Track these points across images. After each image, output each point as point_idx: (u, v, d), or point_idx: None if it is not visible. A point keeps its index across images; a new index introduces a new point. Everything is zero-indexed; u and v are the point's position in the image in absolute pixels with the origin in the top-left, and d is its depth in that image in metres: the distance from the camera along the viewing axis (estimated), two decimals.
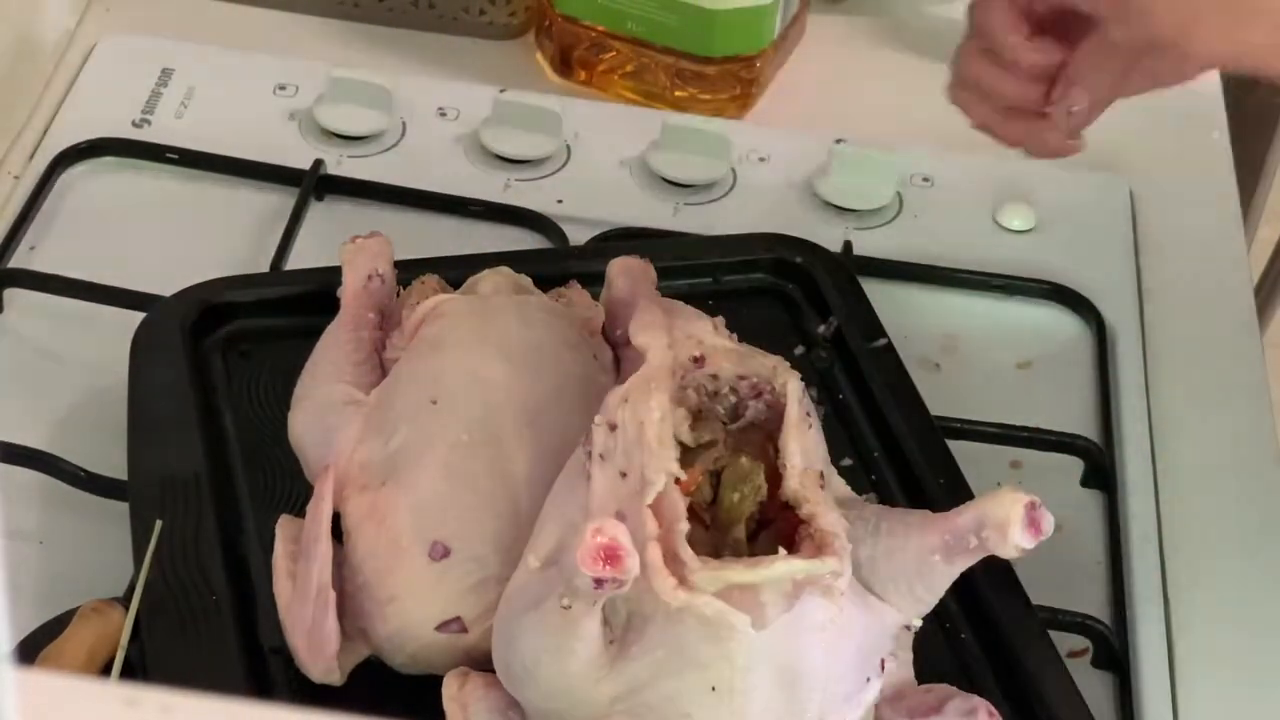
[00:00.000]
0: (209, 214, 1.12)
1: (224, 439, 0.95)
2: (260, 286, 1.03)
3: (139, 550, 0.86)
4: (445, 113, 1.20)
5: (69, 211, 1.11)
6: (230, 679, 0.82)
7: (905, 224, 1.16)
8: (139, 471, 0.91)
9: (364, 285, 0.94)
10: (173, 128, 1.16)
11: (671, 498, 0.75)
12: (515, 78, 1.22)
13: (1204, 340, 1.11)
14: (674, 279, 1.02)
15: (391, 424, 0.87)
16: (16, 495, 0.93)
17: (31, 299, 1.04)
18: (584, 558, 0.71)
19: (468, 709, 0.80)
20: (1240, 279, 1.16)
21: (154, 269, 1.04)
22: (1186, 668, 0.92)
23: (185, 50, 1.22)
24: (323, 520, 0.85)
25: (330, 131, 1.17)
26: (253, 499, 0.93)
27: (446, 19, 1.26)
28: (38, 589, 0.88)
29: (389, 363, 0.92)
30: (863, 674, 0.79)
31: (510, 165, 1.16)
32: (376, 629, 0.84)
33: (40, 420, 0.98)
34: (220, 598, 0.85)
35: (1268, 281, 1.68)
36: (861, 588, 0.79)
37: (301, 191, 1.11)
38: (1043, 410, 1.03)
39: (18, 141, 1.15)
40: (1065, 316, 1.11)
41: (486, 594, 0.83)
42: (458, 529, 0.84)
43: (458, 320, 0.91)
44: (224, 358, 0.99)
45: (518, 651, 0.77)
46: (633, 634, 0.76)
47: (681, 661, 0.75)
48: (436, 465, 0.85)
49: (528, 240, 1.11)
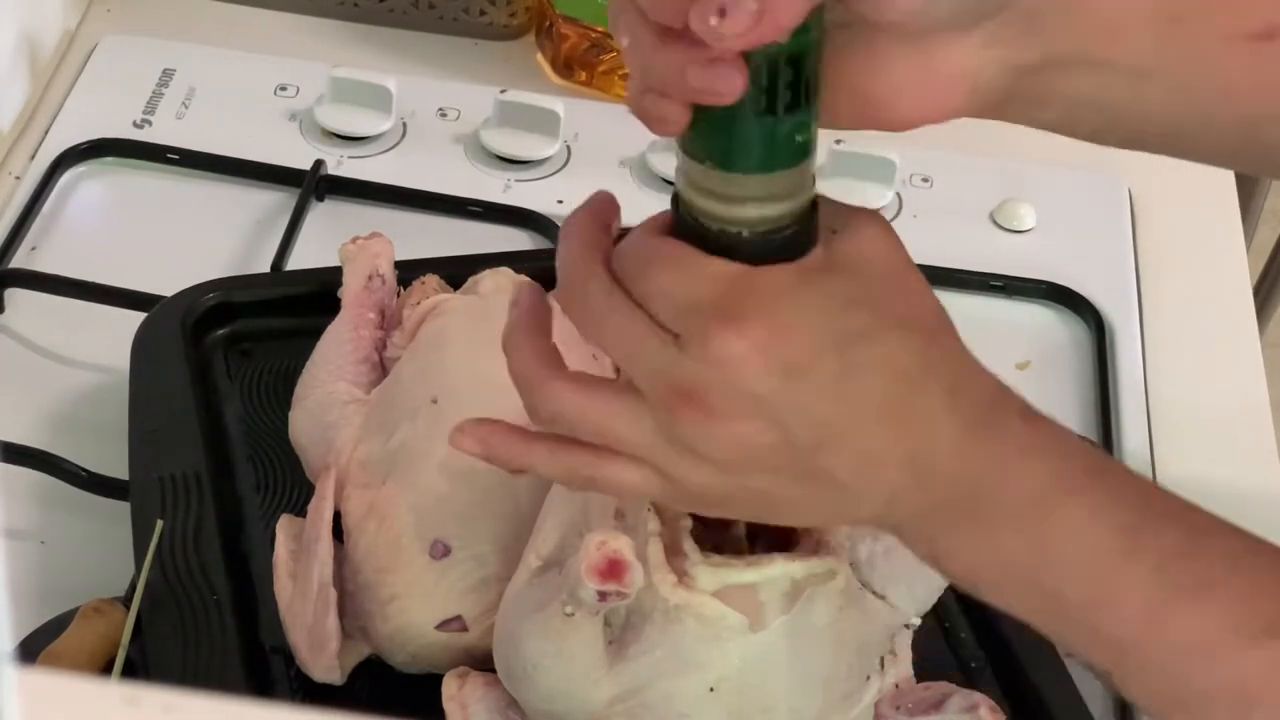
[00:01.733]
0: (209, 214, 1.12)
1: (224, 439, 0.95)
2: (260, 286, 1.03)
3: (140, 550, 0.86)
4: (445, 113, 1.20)
5: (70, 212, 1.11)
6: (231, 678, 0.82)
7: (905, 224, 1.16)
8: (139, 471, 0.91)
9: (364, 285, 0.94)
10: (173, 128, 1.16)
11: None
12: (515, 78, 1.22)
13: (1203, 340, 1.11)
14: None
15: (392, 423, 0.87)
16: (17, 495, 0.93)
17: (32, 299, 1.04)
18: (588, 571, 0.71)
19: (467, 708, 0.80)
20: (1240, 279, 1.16)
21: (154, 269, 1.05)
22: None
23: (186, 51, 1.22)
24: (323, 519, 0.85)
25: (330, 132, 1.17)
26: (253, 498, 0.93)
27: (447, 19, 1.27)
28: (38, 589, 0.88)
29: (389, 362, 0.92)
30: (862, 673, 0.79)
31: (510, 165, 1.16)
32: (377, 628, 0.84)
33: (40, 420, 0.98)
34: (221, 597, 0.85)
35: (1267, 281, 1.68)
36: (860, 587, 0.79)
37: (302, 192, 1.12)
38: (1042, 410, 1.03)
39: (19, 142, 1.15)
40: (1065, 316, 1.11)
41: (487, 593, 0.83)
42: (458, 528, 0.84)
43: (458, 320, 0.91)
44: (224, 358, 0.99)
45: (519, 653, 0.77)
46: (631, 633, 0.76)
47: (680, 662, 0.75)
48: (437, 464, 0.85)
49: (528, 240, 1.11)
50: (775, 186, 0.65)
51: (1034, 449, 0.66)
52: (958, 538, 0.67)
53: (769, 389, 0.64)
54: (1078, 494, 0.66)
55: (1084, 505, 0.65)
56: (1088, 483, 0.66)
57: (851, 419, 0.65)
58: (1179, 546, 0.65)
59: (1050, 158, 1.22)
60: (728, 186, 0.65)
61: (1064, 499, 0.65)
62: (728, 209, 0.65)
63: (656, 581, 0.74)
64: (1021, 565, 0.66)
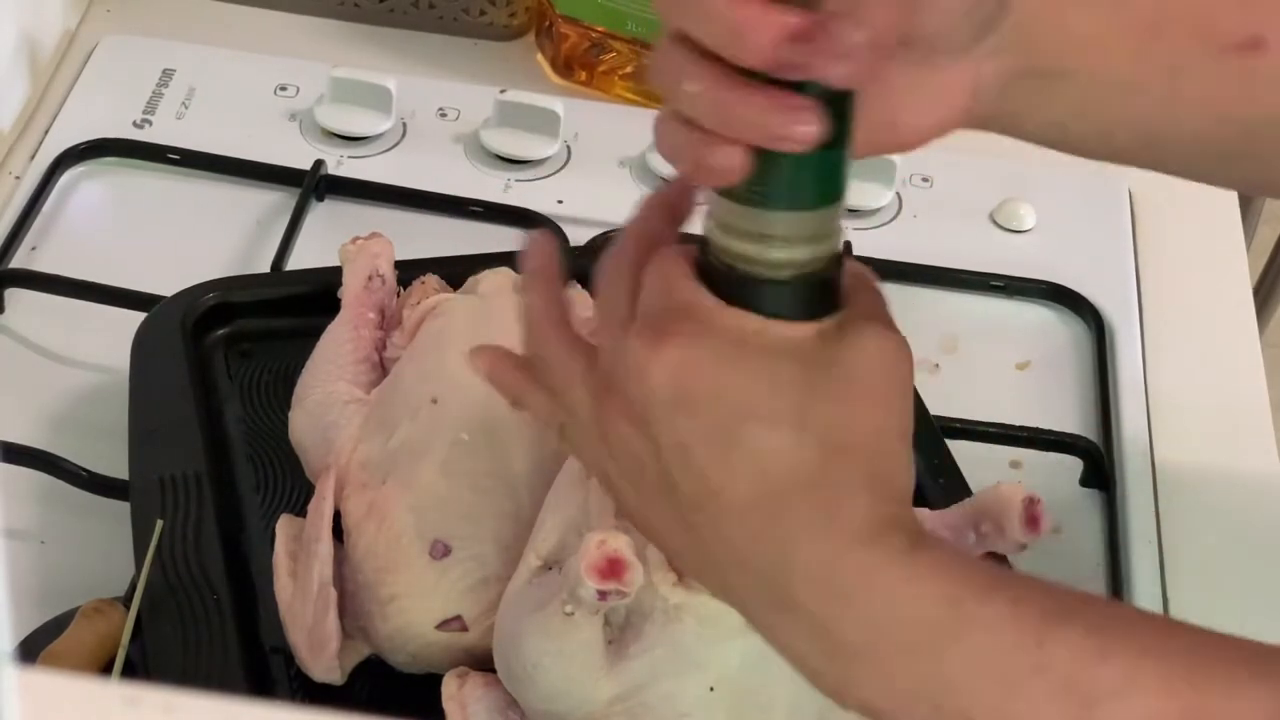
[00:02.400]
0: (209, 214, 1.12)
1: (224, 439, 0.95)
2: (260, 286, 1.03)
3: (140, 550, 0.86)
4: (445, 113, 1.20)
5: (70, 212, 1.11)
6: (231, 678, 0.82)
7: (905, 224, 1.16)
8: (139, 471, 0.91)
9: (364, 285, 0.94)
10: (173, 128, 1.16)
11: None
12: (515, 78, 1.22)
13: (1203, 340, 1.11)
14: None
15: (392, 423, 0.87)
16: (17, 495, 0.93)
17: (32, 299, 1.04)
18: (588, 570, 0.71)
19: (466, 708, 0.80)
20: (1240, 279, 1.16)
21: (154, 269, 1.05)
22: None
23: (186, 51, 1.22)
24: (324, 519, 0.85)
25: (330, 132, 1.17)
26: (253, 498, 0.93)
27: (447, 19, 1.27)
28: (38, 589, 0.88)
29: (389, 362, 0.92)
30: None
31: (510, 165, 1.16)
32: (377, 628, 0.84)
33: (40, 420, 0.98)
34: (221, 597, 0.85)
35: (1267, 281, 1.68)
36: None
37: (302, 192, 1.12)
38: (1042, 410, 1.04)
39: (19, 142, 1.15)
40: (1064, 316, 1.11)
41: (487, 592, 0.83)
42: (458, 527, 0.84)
43: (458, 320, 0.91)
44: (224, 358, 0.99)
45: (519, 653, 0.77)
46: (631, 633, 0.76)
47: (680, 661, 0.75)
48: (437, 464, 0.85)
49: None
50: (809, 225, 0.64)
51: (921, 574, 0.63)
52: (847, 669, 0.64)
53: (653, 406, 0.64)
54: (974, 613, 0.63)
55: (982, 623, 0.63)
56: (985, 598, 0.63)
57: (723, 487, 0.64)
58: (1085, 652, 0.62)
59: (1050, 158, 1.22)
60: (760, 224, 0.64)
61: (959, 623, 0.63)
62: (758, 249, 0.64)
63: (656, 580, 0.74)
64: (922, 694, 0.63)
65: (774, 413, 0.63)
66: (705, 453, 0.64)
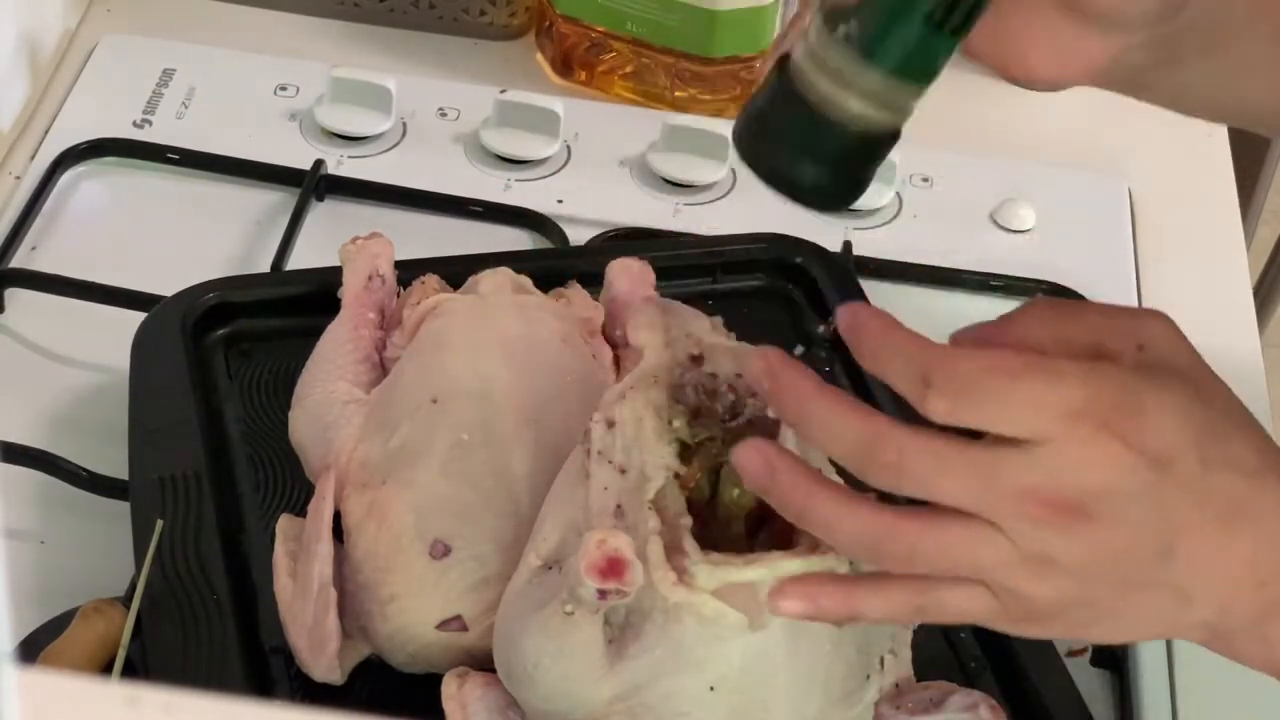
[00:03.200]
0: (209, 214, 1.12)
1: (224, 439, 0.95)
2: (260, 286, 1.03)
3: (140, 550, 0.86)
4: (445, 113, 1.20)
5: (70, 212, 1.11)
6: (231, 678, 0.82)
7: (905, 224, 1.16)
8: (139, 471, 0.91)
9: (364, 285, 0.95)
10: (173, 128, 1.16)
11: (671, 493, 0.75)
12: (515, 78, 1.22)
13: (1204, 340, 1.11)
14: (674, 279, 1.02)
15: (392, 423, 0.87)
16: (17, 495, 0.93)
17: (32, 299, 1.04)
18: (588, 569, 0.72)
19: (466, 708, 0.80)
20: (1240, 279, 1.16)
21: (154, 269, 1.05)
22: (1185, 666, 0.92)
23: (186, 51, 1.22)
24: (324, 519, 0.85)
25: (330, 131, 1.17)
26: (253, 498, 0.93)
27: (447, 19, 1.27)
28: (38, 589, 0.89)
29: (389, 362, 0.92)
30: (862, 672, 0.79)
31: (510, 165, 1.17)
32: (377, 628, 0.84)
33: (40, 420, 0.98)
34: (221, 597, 0.85)
35: (1267, 281, 1.68)
36: None
37: (302, 191, 1.12)
38: None
39: (19, 142, 1.15)
40: None
41: (487, 592, 0.83)
42: (458, 527, 0.84)
43: (458, 320, 0.91)
44: (224, 358, 0.99)
45: (519, 653, 0.77)
46: (630, 632, 0.76)
47: (680, 661, 0.75)
48: (437, 464, 0.85)
49: (528, 240, 1.11)
50: (891, 93, 0.68)
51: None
52: None
53: (1141, 484, 0.63)
54: None
55: None
56: None
57: (1203, 518, 0.65)
58: None
59: (1050, 158, 1.22)
60: (853, 72, 0.67)
61: None
62: (836, 91, 0.68)
63: (656, 580, 0.74)
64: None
65: (1210, 424, 0.66)
66: (1189, 497, 0.65)
